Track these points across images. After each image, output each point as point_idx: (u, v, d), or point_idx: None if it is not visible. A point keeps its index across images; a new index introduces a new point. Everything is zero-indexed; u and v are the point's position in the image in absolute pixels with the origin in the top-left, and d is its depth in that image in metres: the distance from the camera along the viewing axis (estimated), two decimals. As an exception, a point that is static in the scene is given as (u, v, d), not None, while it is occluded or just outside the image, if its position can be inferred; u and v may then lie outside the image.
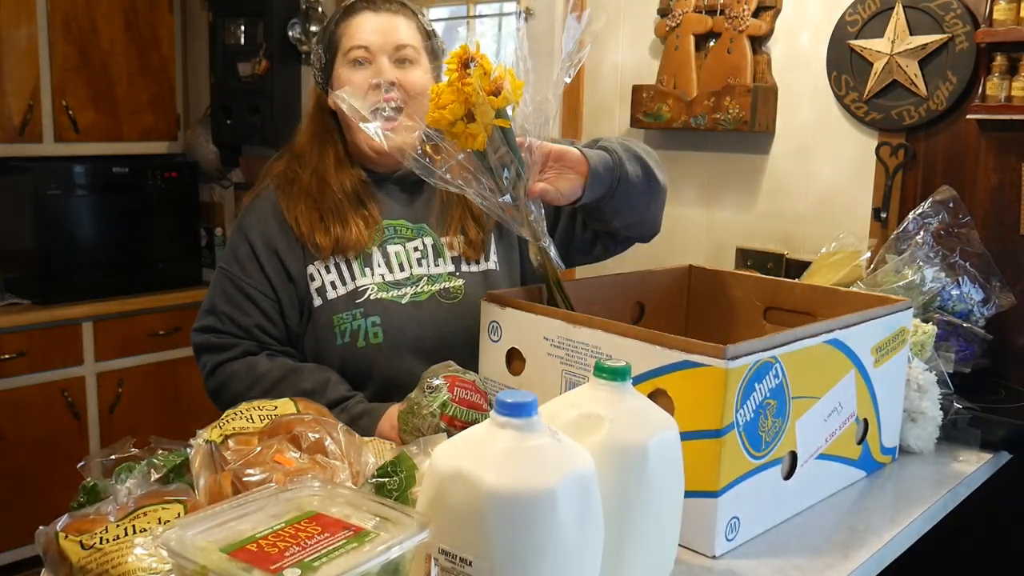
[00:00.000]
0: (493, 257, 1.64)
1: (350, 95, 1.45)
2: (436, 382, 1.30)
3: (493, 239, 1.65)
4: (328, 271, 1.54)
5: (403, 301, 1.54)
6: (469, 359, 1.41)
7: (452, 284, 1.58)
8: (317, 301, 1.54)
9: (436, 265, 1.59)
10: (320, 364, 1.54)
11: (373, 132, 1.38)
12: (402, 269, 1.57)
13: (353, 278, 1.54)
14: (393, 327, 1.53)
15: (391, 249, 1.57)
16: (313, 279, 1.55)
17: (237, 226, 1.62)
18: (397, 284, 1.56)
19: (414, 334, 1.53)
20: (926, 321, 1.69)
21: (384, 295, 1.54)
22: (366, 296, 1.54)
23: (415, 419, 1.29)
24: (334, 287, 1.54)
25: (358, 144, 1.59)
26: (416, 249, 1.59)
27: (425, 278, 1.57)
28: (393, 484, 1.00)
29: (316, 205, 1.56)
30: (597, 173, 1.39)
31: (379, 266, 1.56)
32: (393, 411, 1.39)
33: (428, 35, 1.63)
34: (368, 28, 1.56)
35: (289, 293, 1.56)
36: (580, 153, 1.38)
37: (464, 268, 1.61)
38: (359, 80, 1.55)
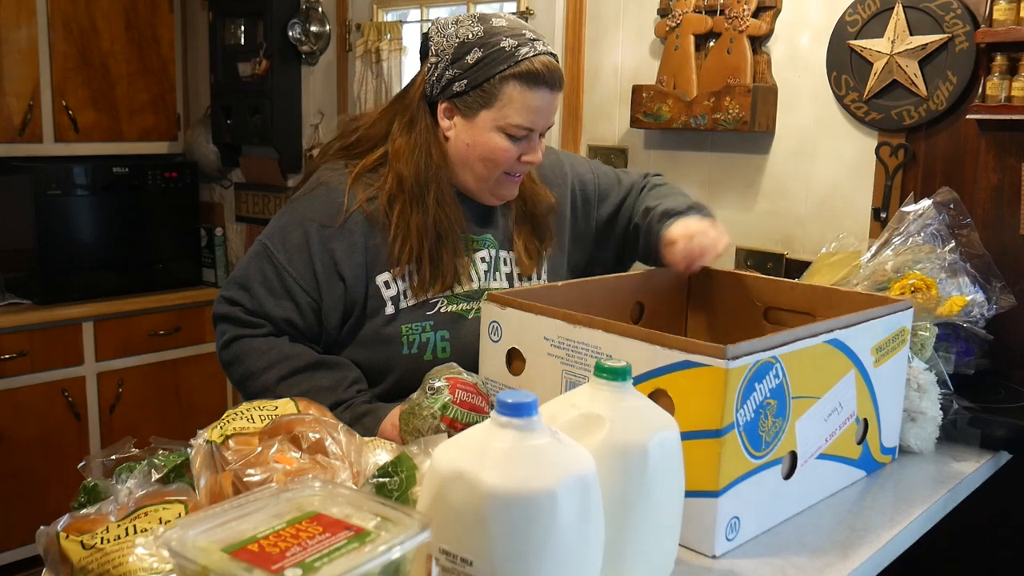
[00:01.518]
0: (544, 277, 1.67)
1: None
2: (438, 384, 1.30)
3: (546, 257, 1.69)
4: (404, 279, 1.54)
5: (470, 316, 1.56)
6: None
7: None
8: (390, 309, 1.53)
9: (494, 280, 1.61)
10: (342, 359, 1.53)
11: None
12: (471, 280, 1.58)
13: (425, 290, 1.54)
14: (460, 343, 1.54)
15: (459, 262, 1.57)
16: (388, 287, 1.53)
17: (294, 211, 1.55)
18: (466, 296, 1.57)
19: (477, 350, 1.53)
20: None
21: (453, 308, 1.55)
22: (436, 309, 1.55)
23: (416, 420, 1.29)
24: (405, 297, 1.54)
25: (477, 191, 1.57)
26: (483, 260, 1.61)
27: (487, 293, 1.58)
28: (394, 484, 1.00)
29: (436, 233, 1.53)
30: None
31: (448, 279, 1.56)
32: (395, 412, 1.39)
33: None
34: (542, 112, 1.52)
35: (335, 294, 1.52)
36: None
37: (517, 285, 1.63)
38: (514, 152, 1.53)
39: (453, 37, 1.51)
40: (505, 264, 1.64)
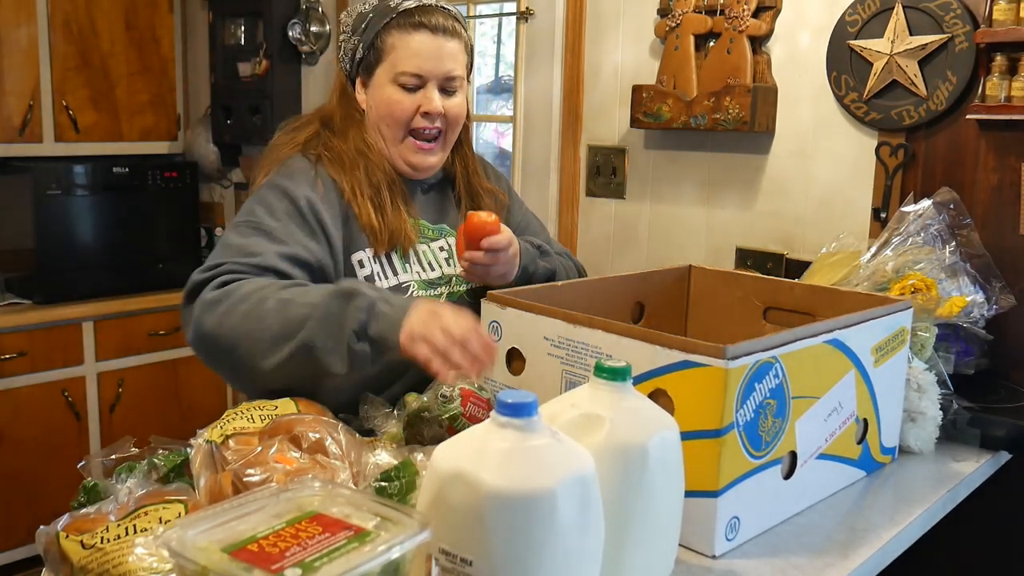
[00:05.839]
0: None
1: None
2: (451, 392, 1.30)
3: None
4: (375, 261, 1.52)
5: (441, 300, 1.56)
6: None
7: (475, 285, 1.60)
8: None
9: (458, 267, 1.61)
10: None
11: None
12: (432, 268, 1.59)
13: (395, 273, 1.54)
14: None
15: (420, 248, 1.59)
16: (363, 266, 1.51)
17: (274, 186, 1.47)
18: (433, 283, 1.57)
19: None
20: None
21: (423, 293, 1.55)
22: (410, 292, 1.54)
23: (422, 424, 1.29)
24: (380, 278, 1.53)
25: (392, 158, 1.57)
26: (442, 249, 1.61)
27: (453, 278, 1.60)
28: (393, 488, 1.00)
29: (370, 184, 1.51)
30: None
31: (414, 263, 1.57)
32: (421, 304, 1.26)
33: (470, 53, 1.61)
34: (425, 54, 1.51)
35: (323, 250, 1.44)
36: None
37: None
38: (408, 104, 1.52)
39: (355, 13, 1.58)
40: None
